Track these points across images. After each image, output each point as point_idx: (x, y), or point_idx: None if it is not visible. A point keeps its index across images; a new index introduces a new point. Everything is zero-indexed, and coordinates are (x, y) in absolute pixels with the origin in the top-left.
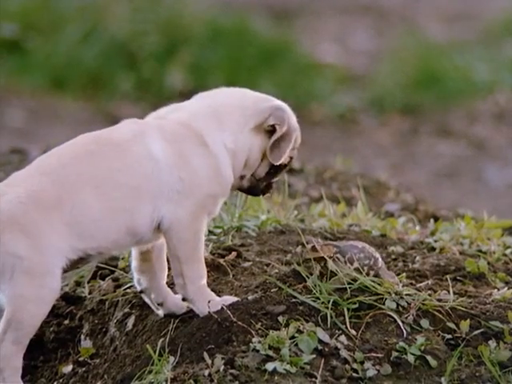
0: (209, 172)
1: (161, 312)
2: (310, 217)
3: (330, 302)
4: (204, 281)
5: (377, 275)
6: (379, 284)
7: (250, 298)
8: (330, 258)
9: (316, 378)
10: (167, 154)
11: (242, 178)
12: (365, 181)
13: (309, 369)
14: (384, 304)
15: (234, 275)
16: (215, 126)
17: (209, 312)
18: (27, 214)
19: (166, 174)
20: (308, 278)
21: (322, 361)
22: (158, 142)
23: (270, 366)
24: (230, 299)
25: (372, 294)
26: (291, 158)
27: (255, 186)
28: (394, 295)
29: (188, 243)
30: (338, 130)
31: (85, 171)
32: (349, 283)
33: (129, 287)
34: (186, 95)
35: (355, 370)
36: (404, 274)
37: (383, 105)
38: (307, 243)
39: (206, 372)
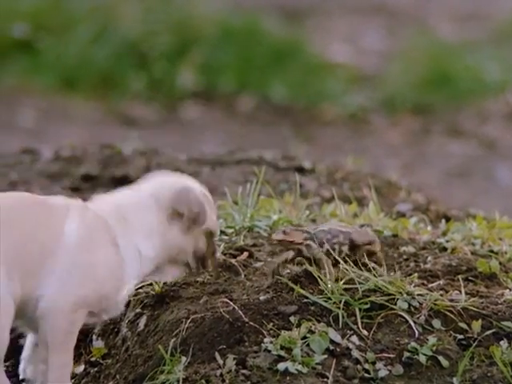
0: (108, 272)
1: None
2: (321, 217)
3: (342, 302)
4: (68, 371)
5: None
6: (391, 284)
7: (261, 298)
8: (300, 243)
9: (328, 378)
10: (78, 234)
11: (187, 264)
12: (376, 181)
13: (320, 369)
14: (396, 304)
15: (245, 275)
16: (127, 230)
17: (220, 312)
18: None
19: (68, 253)
20: (320, 278)
21: (334, 361)
22: (75, 221)
23: (281, 366)
24: None
25: (383, 294)
26: (217, 217)
27: (203, 261)
28: (405, 295)
29: (61, 333)
30: (350, 130)
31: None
32: (360, 283)
33: (140, 287)
34: (197, 95)
35: (367, 371)
36: (416, 274)
37: (394, 104)
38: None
39: (218, 372)
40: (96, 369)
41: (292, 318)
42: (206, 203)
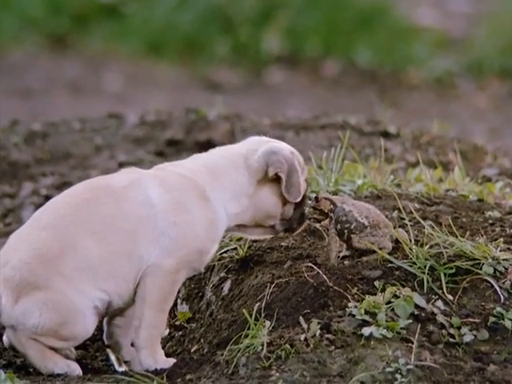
0: (206, 226)
1: (122, 369)
2: (406, 182)
3: (427, 267)
4: (159, 334)
5: (349, 238)
6: (476, 249)
7: (346, 262)
8: (326, 213)
9: (412, 343)
10: (164, 199)
11: (272, 227)
12: (462, 145)
13: (405, 334)
14: (481, 269)
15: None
16: (216, 185)
17: (305, 276)
18: (34, 271)
19: (160, 218)
20: (402, 243)
21: (419, 326)
22: (155, 188)
23: (366, 331)
24: (172, 361)
25: (469, 259)
26: (306, 179)
27: (290, 225)
28: (491, 260)
29: (161, 290)
30: (436, 95)
31: (81, 219)
32: (445, 248)
33: (225, 252)
34: (282, 60)
35: (452, 336)
36: (501, 239)
37: (481, 68)
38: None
39: (302, 337)
40: (181, 333)
41: (376, 283)
42: (298, 165)
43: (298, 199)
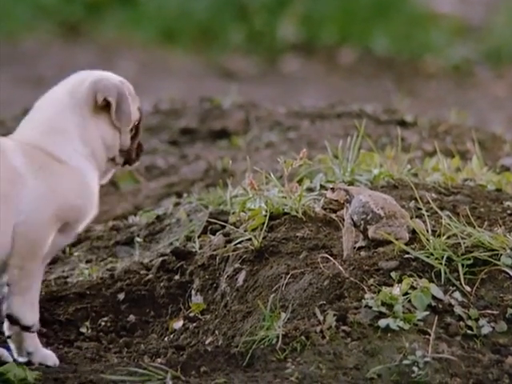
0: (73, 186)
1: (22, 359)
2: (423, 171)
3: (444, 258)
4: (36, 286)
5: (365, 229)
6: (494, 239)
7: (362, 253)
8: (342, 204)
9: (429, 335)
10: (29, 167)
11: (113, 159)
12: (480, 134)
13: (422, 326)
14: (499, 260)
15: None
16: (60, 139)
17: (320, 267)
18: None
19: (29, 181)
20: (419, 233)
21: (436, 318)
22: (19, 157)
23: (382, 323)
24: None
25: (487, 249)
26: (139, 108)
27: (129, 156)
28: (509, 251)
29: (28, 244)
30: (453, 83)
31: None
32: (463, 238)
33: (239, 242)
34: (298, 48)
35: (470, 327)
36: None
37: (500, 56)
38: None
39: (318, 328)
40: (195, 324)
41: (393, 274)
42: (127, 91)
43: (130, 126)
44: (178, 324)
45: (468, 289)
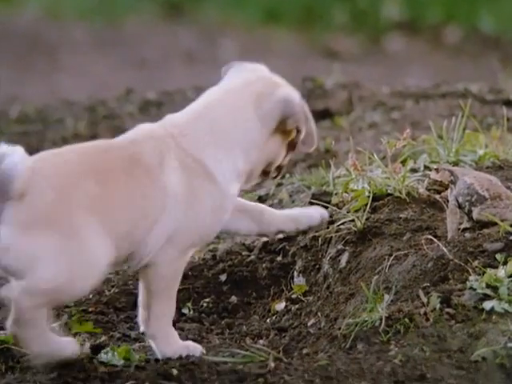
0: (217, 214)
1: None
2: None
3: None
4: (170, 319)
5: (470, 211)
6: None
7: (466, 235)
8: (446, 185)
9: None
10: (182, 188)
11: (266, 173)
12: None
13: None
14: None
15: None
16: (223, 155)
17: (424, 249)
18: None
19: (176, 209)
20: None
21: None
22: (176, 173)
23: (487, 305)
24: (192, 346)
25: None
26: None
27: (280, 171)
28: None
29: (164, 280)
30: None
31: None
32: None
33: (342, 223)
34: (402, 27)
35: None
36: None
37: None
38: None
39: (422, 310)
40: (297, 306)
41: (498, 256)
42: (309, 113)
43: (313, 148)
44: (280, 306)
45: None
